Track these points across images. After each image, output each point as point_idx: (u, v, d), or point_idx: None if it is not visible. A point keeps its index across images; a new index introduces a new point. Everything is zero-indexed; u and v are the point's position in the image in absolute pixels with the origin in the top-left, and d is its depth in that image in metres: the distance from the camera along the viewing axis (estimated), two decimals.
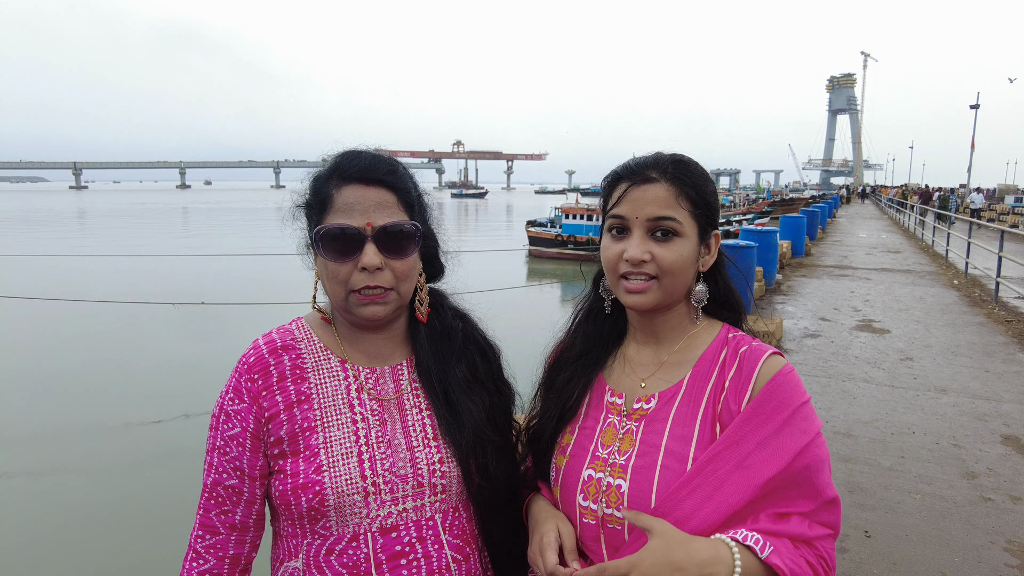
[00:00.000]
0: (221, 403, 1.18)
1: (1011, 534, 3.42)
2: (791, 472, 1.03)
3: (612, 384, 1.24)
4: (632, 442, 1.14)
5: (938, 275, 12.85)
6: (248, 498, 1.18)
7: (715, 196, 1.19)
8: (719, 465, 1.05)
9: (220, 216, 65.76)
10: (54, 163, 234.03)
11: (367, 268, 1.13)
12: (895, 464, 4.26)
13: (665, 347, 1.22)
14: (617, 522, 1.11)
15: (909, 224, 24.70)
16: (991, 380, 6.09)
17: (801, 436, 1.05)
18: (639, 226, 1.13)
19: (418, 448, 1.19)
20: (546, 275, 26.35)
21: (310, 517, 1.13)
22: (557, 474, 1.22)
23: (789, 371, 1.10)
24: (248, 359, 1.19)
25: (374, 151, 1.20)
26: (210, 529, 1.18)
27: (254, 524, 1.21)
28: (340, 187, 1.15)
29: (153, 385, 11.08)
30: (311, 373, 1.19)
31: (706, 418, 1.11)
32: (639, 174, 1.15)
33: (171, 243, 35.74)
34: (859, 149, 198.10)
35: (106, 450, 8.73)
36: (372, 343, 1.25)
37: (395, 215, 1.16)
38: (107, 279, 20.42)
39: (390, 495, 1.15)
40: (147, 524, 6.78)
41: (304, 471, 1.13)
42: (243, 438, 1.16)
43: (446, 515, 1.20)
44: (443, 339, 1.28)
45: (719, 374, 1.14)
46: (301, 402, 1.17)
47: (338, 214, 1.14)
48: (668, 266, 1.13)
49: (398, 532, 1.15)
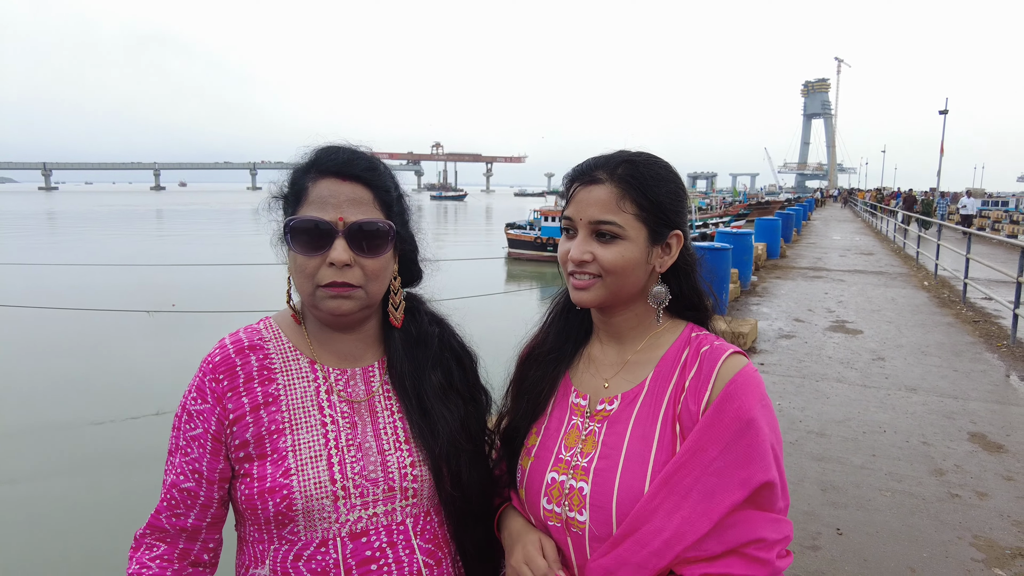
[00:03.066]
0: (184, 403, 1.15)
1: (977, 529, 3.50)
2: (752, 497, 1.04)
3: (577, 384, 1.24)
4: (595, 444, 1.14)
5: (909, 277, 13.11)
6: (204, 502, 1.14)
7: (673, 196, 1.17)
8: (685, 474, 1.04)
9: (195, 220, 64.78)
10: (23, 163, 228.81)
11: (335, 263, 1.10)
12: (867, 462, 4.34)
13: (628, 347, 1.22)
14: (579, 526, 1.10)
15: (887, 230, 23.23)
16: (959, 379, 6.22)
17: (759, 453, 1.04)
18: (583, 227, 1.14)
19: (389, 451, 1.16)
20: (525, 277, 26.40)
21: (277, 522, 1.10)
22: (522, 476, 1.21)
23: (749, 371, 1.09)
24: (213, 359, 1.15)
25: (354, 147, 1.17)
26: (159, 530, 1.15)
27: (207, 527, 1.17)
28: (316, 180, 1.13)
29: (120, 392, 10.88)
30: (279, 374, 1.16)
31: (667, 419, 1.10)
32: (587, 175, 1.15)
33: (144, 248, 35.12)
34: (833, 153, 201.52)
35: (71, 455, 8.56)
36: (343, 343, 1.22)
37: (370, 212, 1.13)
38: (78, 285, 20.01)
39: (360, 499, 1.12)
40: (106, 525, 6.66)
41: (271, 475, 1.10)
42: (204, 439, 1.12)
43: (417, 519, 1.18)
44: (418, 344, 1.26)
45: (680, 374, 1.13)
46: (268, 404, 1.13)
47: (311, 207, 1.12)
48: (609, 266, 1.12)
49: (368, 537, 1.12)
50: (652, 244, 1.15)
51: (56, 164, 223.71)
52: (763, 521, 1.04)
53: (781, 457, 1.08)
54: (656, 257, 1.17)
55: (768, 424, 1.07)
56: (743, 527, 1.03)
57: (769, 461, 1.04)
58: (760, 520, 1.04)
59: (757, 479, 1.03)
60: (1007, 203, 37.95)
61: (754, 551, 1.02)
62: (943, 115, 31.81)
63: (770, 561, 1.03)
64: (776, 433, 1.08)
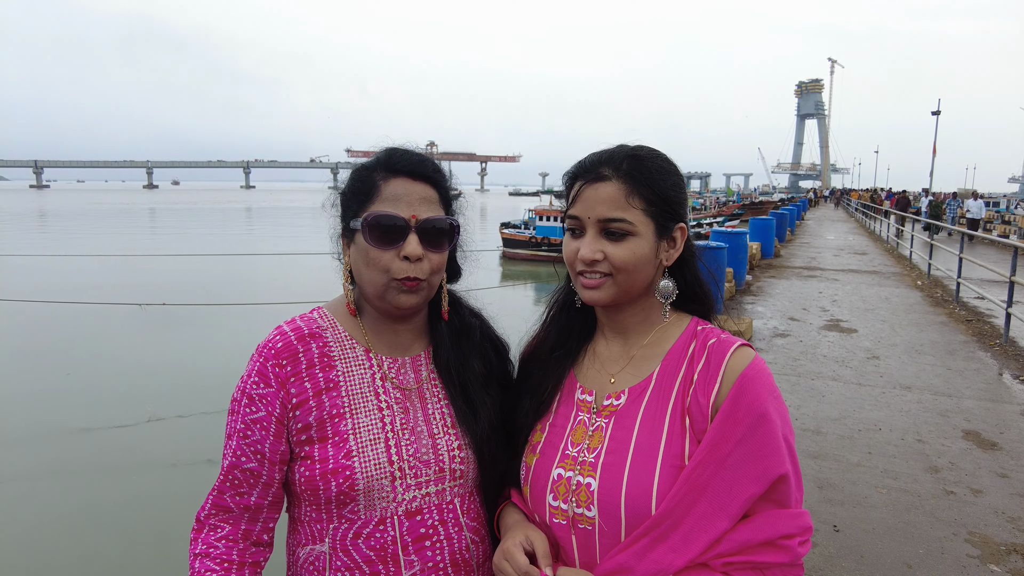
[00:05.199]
0: (243, 387, 1.19)
1: (972, 526, 3.52)
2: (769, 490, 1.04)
3: (582, 380, 1.24)
4: (602, 439, 1.13)
5: (902, 276, 13.18)
6: (266, 481, 1.19)
7: (677, 189, 1.16)
8: (702, 471, 1.04)
9: (191, 219, 64.50)
10: (13, 161, 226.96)
11: (409, 257, 1.17)
12: (862, 460, 4.36)
13: (634, 341, 1.21)
14: (588, 522, 1.10)
15: (883, 233, 22.57)
16: (952, 377, 6.26)
17: (774, 448, 1.04)
18: (591, 226, 1.13)
19: (439, 435, 1.24)
20: (520, 277, 26.37)
21: (338, 502, 1.16)
22: (527, 472, 1.21)
23: (758, 364, 1.09)
24: (275, 344, 1.20)
25: (420, 151, 1.26)
26: (223, 508, 1.20)
27: (268, 506, 1.22)
28: (388, 179, 1.20)
29: (117, 386, 10.81)
30: (338, 361, 1.22)
31: (675, 412, 1.10)
32: (592, 172, 1.14)
33: (137, 244, 34.94)
34: (827, 153, 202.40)
35: (65, 453, 8.50)
36: (396, 334, 1.28)
37: (437, 210, 1.22)
38: (71, 280, 19.89)
39: (415, 479, 1.19)
40: (115, 527, 6.62)
41: (333, 456, 1.15)
42: (267, 422, 1.17)
43: (464, 499, 1.25)
44: (462, 335, 1.33)
45: (688, 367, 1.13)
46: (330, 389, 1.19)
47: (385, 203, 1.19)
48: (621, 264, 1.12)
49: (422, 515, 1.19)
50: (659, 238, 1.15)
51: (47, 162, 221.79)
52: (782, 517, 1.04)
53: (794, 448, 1.08)
54: (663, 251, 1.17)
55: (780, 416, 1.06)
56: (762, 524, 1.03)
57: (783, 454, 1.04)
58: (779, 517, 1.04)
59: (773, 472, 1.03)
60: (998, 203, 38.24)
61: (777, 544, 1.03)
62: (935, 116, 32.00)
63: (791, 547, 1.03)
64: (788, 424, 1.08)
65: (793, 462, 1.06)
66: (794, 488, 1.06)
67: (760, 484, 1.03)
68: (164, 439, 8.78)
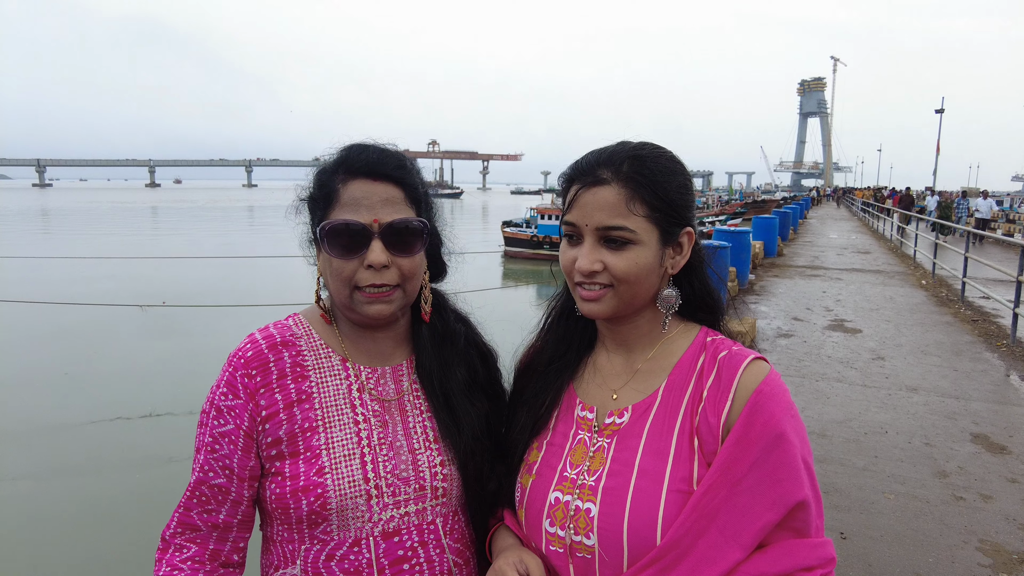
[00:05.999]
0: (212, 399, 1.12)
1: (983, 533, 3.43)
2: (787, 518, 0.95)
3: (582, 396, 1.15)
4: (603, 460, 1.05)
5: (907, 275, 13.08)
6: (235, 498, 1.12)
7: (683, 190, 1.07)
8: (713, 495, 0.95)
9: (190, 217, 64.54)
10: (16, 160, 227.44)
11: (373, 265, 1.09)
12: (869, 464, 4.28)
13: (638, 354, 1.12)
14: (587, 551, 1.01)
15: (884, 229, 22.29)
16: (959, 379, 6.17)
17: (793, 473, 0.96)
18: (589, 234, 1.04)
19: (419, 451, 1.16)
20: (521, 276, 26.31)
21: (310, 521, 1.08)
22: (522, 495, 1.12)
23: (773, 379, 1.01)
24: (245, 354, 1.13)
25: (382, 145, 1.16)
26: (190, 527, 1.12)
27: (238, 524, 1.14)
28: (347, 181, 1.11)
29: (115, 388, 10.77)
30: (312, 371, 1.15)
31: (683, 432, 1.01)
32: (590, 174, 1.04)
33: (140, 244, 34.94)
34: (829, 152, 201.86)
35: (66, 451, 8.46)
36: (374, 342, 1.21)
37: (402, 211, 1.12)
38: (72, 281, 19.86)
39: (392, 498, 1.11)
40: (109, 525, 6.57)
41: (305, 473, 1.08)
42: (235, 436, 1.10)
43: (447, 519, 1.17)
44: (445, 341, 1.25)
45: (696, 383, 1.04)
46: (302, 401, 1.12)
47: (344, 209, 1.10)
48: (622, 275, 1.03)
49: (400, 536, 1.11)
50: (664, 246, 1.06)
51: (50, 160, 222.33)
52: (802, 548, 0.95)
53: (814, 471, 0.99)
54: (668, 258, 1.08)
55: (798, 436, 0.98)
56: (780, 555, 0.94)
57: (802, 477, 0.96)
58: (798, 547, 0.95)
59: (791, 498, 0.94)
60: (1001, 201, 38.09)
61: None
62: (939, 114, 31.88)
63: None
64: (806, 444, 1.00)
65: (813, 486, 0.97)
66: (814, 515, 0.97)
67: (776, 511, 0.94)
68: (164, 438, 8.74)
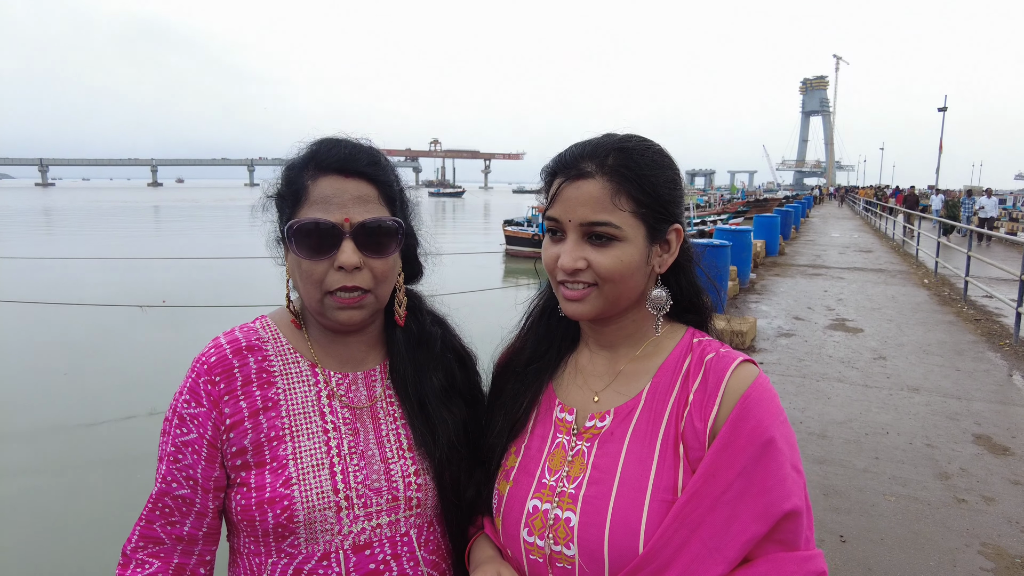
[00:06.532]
0: (175, 406, 1.07)
1: (985, 536, 3.38)
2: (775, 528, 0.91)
3: (562, 398, 1.10)
4: (583, 466, 1.00)
5: (909, 274, 13.01)
6: (199, 510, 1.06)
7: (672, 185, 1.02)
8: (696, 505, 0.90)
9: (192, 215, 64.63)
10: (19, 159, 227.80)
11: (344, 267, 1.03)
12: (869, 465, 4.22)
13: (621, 355, 1.07)
14: (567, 561, 0.96)
15: (886, 228, 21.92)
16: (962, 379, 6.11)
17: (781, 479, 0.91)
18: (572, 230, 0.99)
19: (392, 460, 1.11)
20: (523, 274, 26.27)
21: (276, 534, 1.03)
22: (500, 502, 1.07)
23: (762, 383, 0.96)
24: (208, 359, 1.07)
25: (354, 140, 1.10)
26: (153, 540, 1.06)
27: (204, 537, 1.09)
28: (316, 178, 1.05)
29: (116, 387, 10.74)
30: (279, 377, 1.09)
31: (667, 438, 0.97)
32: (573, 167, 0.99)
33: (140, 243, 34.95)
34: (831, 150, 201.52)
35: (66, 451, 8.43)
36: (346, 347, 1.15)
37: (376, 210, 1.07)
38: (75, 281, 19.85)
39: (363, 510, 1.06)
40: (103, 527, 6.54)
41: (271, 484, 1.03)
42: (199, 445, 1.05)
43: (421, 530, 1.12)
44: (420, 345, 1.19)
45: (682, 386, 1.00)
46: (268, 409, 1.07)
47: (313, 207, 1.04)
48: (607, 274, 0.98)
49: (372, 549, 1.06)
50: (651, 243, 1.01)
51: (53, 160, 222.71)
52: (790, 562, 0.90)
53: (804, 480, 0.95)
54: (655, 256, 1.03)
55: (787, 443, 0.93)
56: (766, 570, 0.89)
57: (791, 486, 0.91)
58: (786, 561, 0.90)
59: (778, 509, 0.89)
60: (1004, 200, 38.00)
61: None
62: (942, 112, 31.75)
63: None
64: (795, 452, 0.95)
65: (804, 496, 0.93)
66: (805, 526, 0.92)
67: (763, 523, 0.89)
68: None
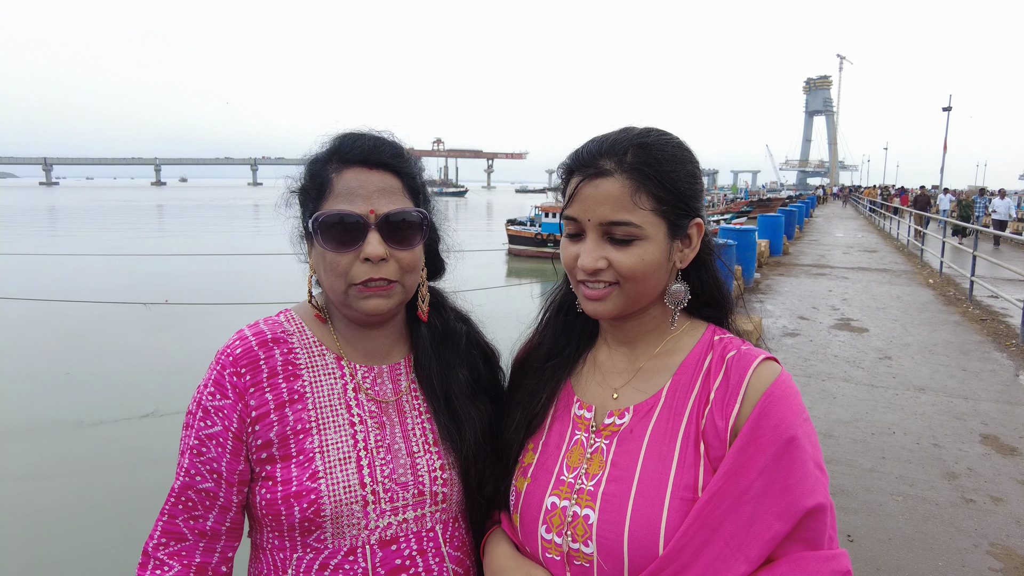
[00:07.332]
0: (199, 399, 1.06)
1: (994, 536, 3.37)
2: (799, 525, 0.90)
3: (580, 394, 1.09)
4: (602, 464, 0.99)
5: (914, 274, 12.96)
6: (223, 504, 1.05)
7: (692, 179, 1.01)
8: (718, 503, 0.89)
9: (196, 214, 64.69)
10: (23, 158, 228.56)
11: (370, 259, 1.03)
12: (876, 465, 4.21)
13: (641, 352, 1.06)
14: (585, 559, 0.96)
15: (896, 232, 21.13)
16: (968, 379, 6.09)
17: (805, 479, 0.90)
18: (592, 229, 0.98)
19: (419, 454, 1.10)
20: (526, 274, 26.25)
21: (303, 529, 1.03)
22: (517, 499, 1.06)
23: (785, 381, 0.95)
24: (233, 351, 1.07)
25: (377, 133, 1.10)
26: (175, 536, 1.05)
27: (227, 532, 1.08)
28: (340, 171, 1.05)
29: (117, 387, 10.76)
30: (304, 370, 1.09)
31: (688, 436, 0.96)
32: (591, 165, 0.98)
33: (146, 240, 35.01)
34: (835, 150, 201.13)
35: (67, 451, 8.45)
36: (371, 340, 1.15)
37: (400, 202, 1.07)
38: (78, 278, 19.89)
39: (390, 504, 1.06)
40: (109, 525, 6.55)
41: (297, 478, 1.02)
42: (223, 438, 1.04)
43: (447, 526, 1.12)
44: (445, 341, 1.19)
45: (703, 383, 0.98)
46: (294, 401, 1.06)
47: (338, 199, 1.04)
48: (628, 273, 0.97)
49: (398, 544, 1.06)
50: (672, 239, 1.00)
51: (57, 159, 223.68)
52: (813, 561, 0.89)
53: (827, 479, 0.94)
54: (676, 252, 1.02)
55: (810, 441, 0.92)
56: (790, 569, 0.88)
57: (813, 484, 0.90)
58: (809, 560, 0.89)
59: (801, 507, 0.88)
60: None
61: None
62: (947, 112, 31.63)
63: None
64: (818, 450, 0.94)
65: (827, 494, 0.92)
66: (828, 525, 0.91)
67: (786, 522, 0.88)
68: (168, 437, 8.71)
